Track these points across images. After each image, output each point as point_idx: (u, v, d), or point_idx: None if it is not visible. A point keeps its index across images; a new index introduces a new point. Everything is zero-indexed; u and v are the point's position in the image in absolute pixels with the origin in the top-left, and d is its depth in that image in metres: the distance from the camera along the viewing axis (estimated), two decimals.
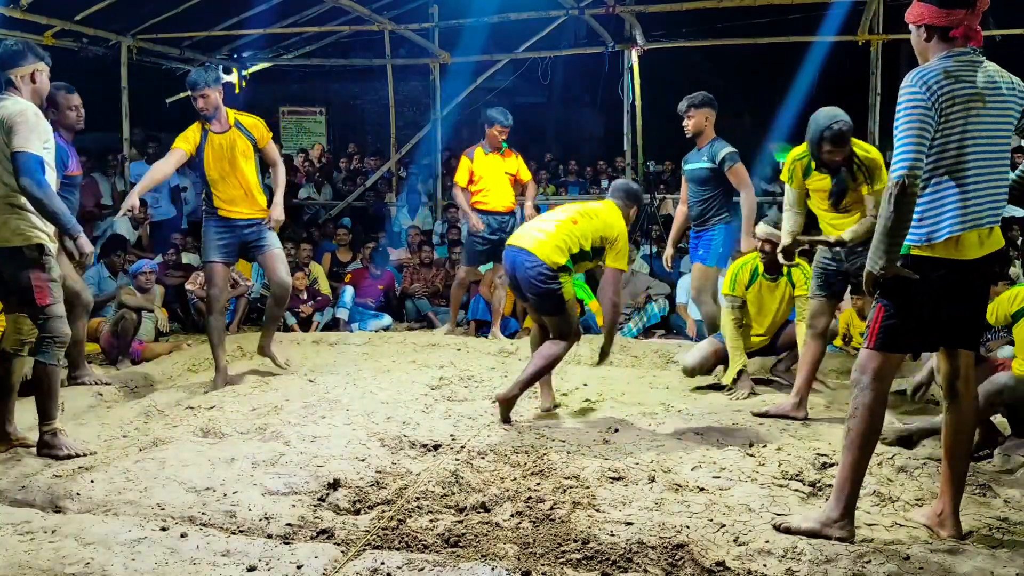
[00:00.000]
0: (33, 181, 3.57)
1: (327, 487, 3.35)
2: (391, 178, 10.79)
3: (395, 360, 5.99)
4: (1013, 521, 3.07)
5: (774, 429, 4.22)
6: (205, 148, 5.04)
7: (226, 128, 5.11)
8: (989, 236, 2.77)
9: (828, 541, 2.83)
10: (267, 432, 4.02)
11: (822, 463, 3.64)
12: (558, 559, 2.73)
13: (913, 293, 2.77)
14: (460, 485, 3.39)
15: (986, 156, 2.72)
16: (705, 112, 5.43)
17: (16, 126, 3.60)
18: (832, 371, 5.62)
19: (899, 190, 2.62)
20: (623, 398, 4.86)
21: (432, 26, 9.87)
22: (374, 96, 14.79)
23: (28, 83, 3.76)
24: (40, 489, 3.32)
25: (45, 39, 8.28)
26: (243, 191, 5.12)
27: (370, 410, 4.41)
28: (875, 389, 2.84)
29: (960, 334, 2.90)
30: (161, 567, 2.68)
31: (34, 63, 3.77)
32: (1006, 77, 2.79)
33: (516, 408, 4.35)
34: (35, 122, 3.66)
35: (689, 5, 8.51)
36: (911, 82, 2.68)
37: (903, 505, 3.23)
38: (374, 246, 8.43)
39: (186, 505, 3.16)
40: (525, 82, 12.57)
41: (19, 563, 2.68)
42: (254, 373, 5.48)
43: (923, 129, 2.64)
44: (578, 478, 3.47)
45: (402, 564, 2.65)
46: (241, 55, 11.01)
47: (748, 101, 14.52)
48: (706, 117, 5.44)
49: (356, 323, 7.70)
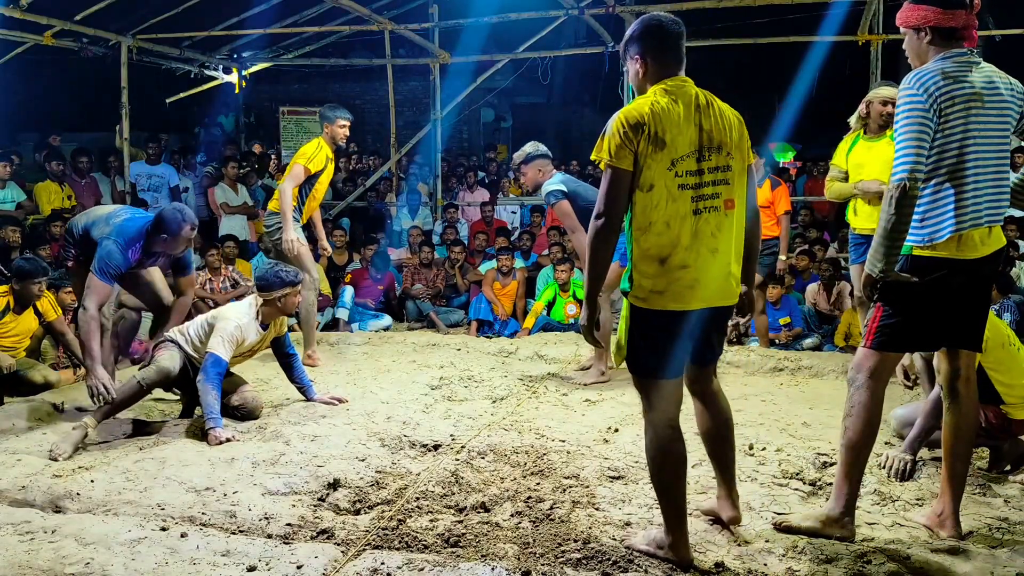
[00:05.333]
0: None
1: (327, 487, 3.36)
2: (391, 178, 10.78)
3: (395, 360, 5.99)
4: (1013, 521, 3.06)
5: (774, 429, 4.22)
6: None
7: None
8: (990, 236, 2.78)
9: (829, 540, 2.83)
10: (267, 432, 4.02)
11: (822, 462, 3.64)
12: (558, 559, 2.73)
13: (912, 293, 2.77)
14: (460, 485, 3.39)
15: (986, 156, 2.72)
16: (537, 164, 5.35)
17: None
18: (832, 371, 5.62)
19: (900, 192, 2.62)
20: (623, 398, 4.86)
21: (432, 26, 9.86)
22: (374, 96, 14.79)
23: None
24: (40, 489, 3.32)
25: (45, 39, 8.30)
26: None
27: (370, 410, 4.41)
28: (871, 388, 2.84)
29: (961, 334, 2.89)
30: (161, 567, 2.68)
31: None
32: (1004, 78, 2.79)
33: (516, 407, 4.35)
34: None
35: (689, 5, 8.50)
36: (909, 84, 2.69)
37: (903, 505, 3.23)
38: (375, 248, 8.43)
39: (186, 505, 3.15)
40: (525, 82, 12.58)
41: (19, 563, 2.68)
42: (254, 373, 5.47)
43: (922, 131, 2.64)
44: (578, 478, 3.47)
45: (402, 564, 2.65)
46: (241, 55, 11.01)
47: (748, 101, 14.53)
48: (539, 170, 5.35)
49: (356, 323, 7.70)
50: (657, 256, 2.52)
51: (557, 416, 4.47)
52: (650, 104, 2.53)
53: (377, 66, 11.38)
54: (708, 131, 2.56)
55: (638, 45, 2.66)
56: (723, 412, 2.85)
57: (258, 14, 9.16)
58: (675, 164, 2.51)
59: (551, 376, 5.51)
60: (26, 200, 8.26)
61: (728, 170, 2.59)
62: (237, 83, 11.15)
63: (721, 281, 2.60)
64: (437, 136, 10.33)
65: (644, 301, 2.56)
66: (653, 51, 2.64)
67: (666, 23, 2.64)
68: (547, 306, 7.34)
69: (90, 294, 4.15)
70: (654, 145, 2.48)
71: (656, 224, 2.51)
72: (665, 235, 2.51)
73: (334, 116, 5.91)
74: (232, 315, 4.28)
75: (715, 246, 2.56)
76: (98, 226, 4.36)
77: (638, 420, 4.36)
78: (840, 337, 6.64)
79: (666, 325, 2.56)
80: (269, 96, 14.33)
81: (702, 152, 2.54)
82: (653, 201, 2.50)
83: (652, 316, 2.56)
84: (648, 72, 2.65)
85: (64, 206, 8.22)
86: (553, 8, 8.99)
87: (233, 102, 11.99)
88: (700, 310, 2.58)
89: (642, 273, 2.55)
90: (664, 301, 2.54)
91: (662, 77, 2.62)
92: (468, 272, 8.46)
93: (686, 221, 2.52)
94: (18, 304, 5.44)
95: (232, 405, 4.24)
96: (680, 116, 2.53)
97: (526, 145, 5.46)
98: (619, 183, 2.51)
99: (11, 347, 5.39)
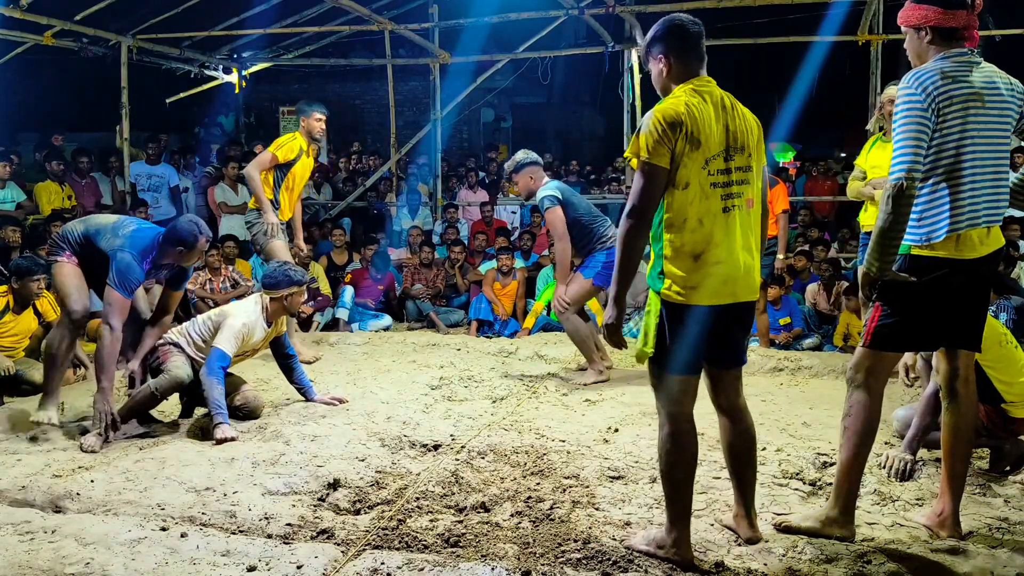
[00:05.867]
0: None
1: (327, 487, 3.36)
2: (391, 178, 10.78)
3: (395, 360, 6.00)
4: (1013, 521, 3.07)
5: (774, 429, 4.22)
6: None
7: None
8: (988, 235, 2.78)
9: (829, 540, 2.83)
10: (267, 432, 4.02)
11: (822, 462, 3.65)
12: (558, 559, 2.73)
13: (910, 293, 2.77)
14: (460, 485, 3.39)
15: (985, 156, 2.72)
16: (528, 172, 5.35)
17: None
18: (832, 371, 5.62)
19: (897, 192, 2.63)
20: (623, 398, 4.86)
21: (432, 26, 9.86)
22: (374, 96, 14.79)
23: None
24: (40, 489, 3.32)
25: (45, 39, 8.29)
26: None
27: (370, 410, 4.41)
28: (870, 387, 2.85)
29: (960, 334, 2.89)
30: (161, 567, 2.68)
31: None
32: (1004, 78, 2.79)
33: (516, 407, 4.35)
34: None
35: (689, 5, 8.50)
36: (908, 84, 2.69)
37: (903, 505, 3.23)
38: (375, 248, 8.43)
39: (186, 505, 3.15)
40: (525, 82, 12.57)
41: (19, 563, 2.68)
42: (254, 373, 5.47)
43: (920, 131, 2.64)
44: (578, 478, 3.47)
45: (402, 564, 2.65)
46: (241, 55, 11.00)
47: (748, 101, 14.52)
48: (530, 177, 5.36)
49: (356, 323, 7.70)
50: (692, 252, 2.59)
51: (557, 416, 4.47)
52: (685, 103, 2.59)
53: (377, 66, 11.38)
54: (734, 132, 2.64)
55: (661, 45, 2.72)
56: (749, 430, 2.87)
57: (258, 14, 9.15)
58: (708, 163, 2.58)
59: (551, 376, 5.51)
60: (26, 200, 8.26)
61: (749, 170, 2.67)
62: (237, 83, 11.14)
63: (747, 276, 2.67)
64: (437, 136, 10.32)
65: (679, 296, 2.61)
66: (676, 51, 2.70)
67: (687, 23, 2.72)
68: (547, 306, 7.34)
69: (113, 312, 4.02)
70: (690, 144, 2.55)
71: (690, 221, 2.58)
72: (699, 232, 2.58)
73: (310, 110, 5.98)
74: (240, 312, 4.31)
75: (741, 243, 2.65)
76: (105, 236, 4.22)
77: (638, 420, 4.37)
78: (839, 337, 6.64)
79: (698, 320, 2.63)
80: (269, 96, 14.33)
81: (729, 152, 2.62)
82: (688, 198, 2.58)
83: (686, 312, 2.62)
84: (672, 72, 2.72)
85: (64, 206, 8.22)
86: (553, 8, 8.99)
87: (233, 102, 11.98)
88: (728, 305, 2.65)
89: (676, 270, 2.61)
90: (699, 296, 2.60)
91: (686, 77, 2.69)
92: (468, 272, 8.46)
93: (717, 218, 2.60)
94: (17, 304, 5.44)
95: (234, 405, 4.25)
96: (711, 116, 2.60)
97: (517, 153, 5.47)
98: (656, 180, 2.57)
99: (10, 347, 5.39)
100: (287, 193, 5.94)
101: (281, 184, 5.88)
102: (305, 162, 6.00)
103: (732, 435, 2.85)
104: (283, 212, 5.94)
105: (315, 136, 6.04)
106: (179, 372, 4.16)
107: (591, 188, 11.02)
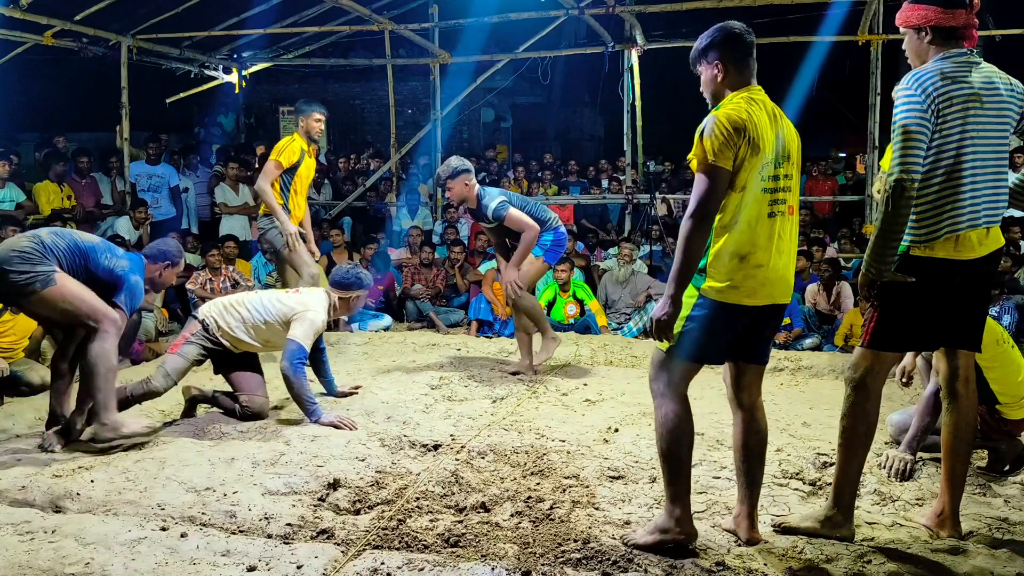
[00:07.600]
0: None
1: (327, 487, 3.36)
2: (391, 178, 10.79)
3: (395, 360, 5.99)
4: (1013, 521, 3.07)
5: (774, 429, 4.21)
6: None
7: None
8: (988, 236, 2.78)
9: (828, 540, 2.83)
10: (267, 432, 4.02)
11: (822, 462, 3.65)
12: (558, 559, 2.73)
13: (910, 293, 2.77)
14: (460, 485, 3.39)
15: (984, 156, 2.72)
16: (463, 179, 5.31)
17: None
18: (832, 371, 5.63)
19: (896, 192, 2.63)
20: (623, 398, 4.86)
21: (432, 26, 9.87)
22: (374, 96, 14.79)
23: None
24: (40, 489, 3.32)
25: (45, 39, 8.29)
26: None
27: (370, 410, 4.41)
28: (869, 387, 2.85)
29: (960, 334, 2.89)
30: (161, 567, 2.68)
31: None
32: (1004, 78, 2.79)
33: (516, 407, 4.35)
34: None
35: (689, 5, 8.51)
36: (907, 85, 2.69)
37: (903, 505, 3.23)
38: (375, 248, 8.43)
39: (186, 505, 3.16)
40: (525, 82, 12.59)
41: (19, 563, 2.68)
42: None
43: (919, 132, 2.64)
44: (578, 477, 3.47)
45: (402, 564, 2.65)
46: (241, 55, 11.00)
47: None
48: (465, 183, 5.32)
49: (356, 323, 7.69)
50: (737, 253, 2.66)
51: (557, 416, 4.47)
52: (746, 109, 2.65)
53: (377, 66, 11.39)
54: (783, 141, 2.72)
55: (717, 51, 2.77)
56: (763, 429, 2.91)
57: (258, 14, 9.15)
58: (763, 168, 2.66)
59: (551, 376, 5.51)
60: (26, 200, 8.26)
61: (791, 178, 2.76)
62: (237, 83, 11.14)
63: (784, 280, 2.75)
64: (437, 136, 10.33)
65: (718, 294, 2.67)
66: (733, 59, 2.76)
67: (743, 33, 2.78)
68: (547, 306, 7.34)
69: (117, 330, 3.89)
70: (751, 149, 2.62)
71: (740, 223, 2.65)
72: (746, 234, 2.66)
73: (309, 110, 5.96)
74: (318, 307, 4.38)
75: (782, 247, 2.73)
76: (102, 254, 3.96)
77: (638, 420, 4.37)
78: (841, 337, 6.64)
79: (733, 317, 2.70)
80: (269, 96, 14.35)
81: (778, 160, 2.71)
82: (744, 201, 2.65)
83: (722, 309, 2.68)
84: (727, 78, 2.77)
85: (64, 206, 8.22)
86: (553, 8, 8.99)
87: (233, 102, 11.99)
88: (762, 306, 2.72)
89: (720, 267, 2.67)
90: (738, 296, 2.68)
91: (740, 85, 2.75)
92: (468, 272, 8.46)
93: (763, 223, 2.68)
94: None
95: (241, 403, 4.27)
96: (767, 124, 2.68)
97: (451, 159, 5.43)
98: (719, 182, 2.62)
99: (10, 347, 5.39)
100: (295, 196, 5.93)
101: (289, 188, 5.86)
102: (308, 163, 5.99)
103: (748, 432, 2.88)
104: (295, 215, 5.93)
105: (314, 136, 6.03)
106: (157, 385, 4.19)
107: (591, 188, 11.02)
